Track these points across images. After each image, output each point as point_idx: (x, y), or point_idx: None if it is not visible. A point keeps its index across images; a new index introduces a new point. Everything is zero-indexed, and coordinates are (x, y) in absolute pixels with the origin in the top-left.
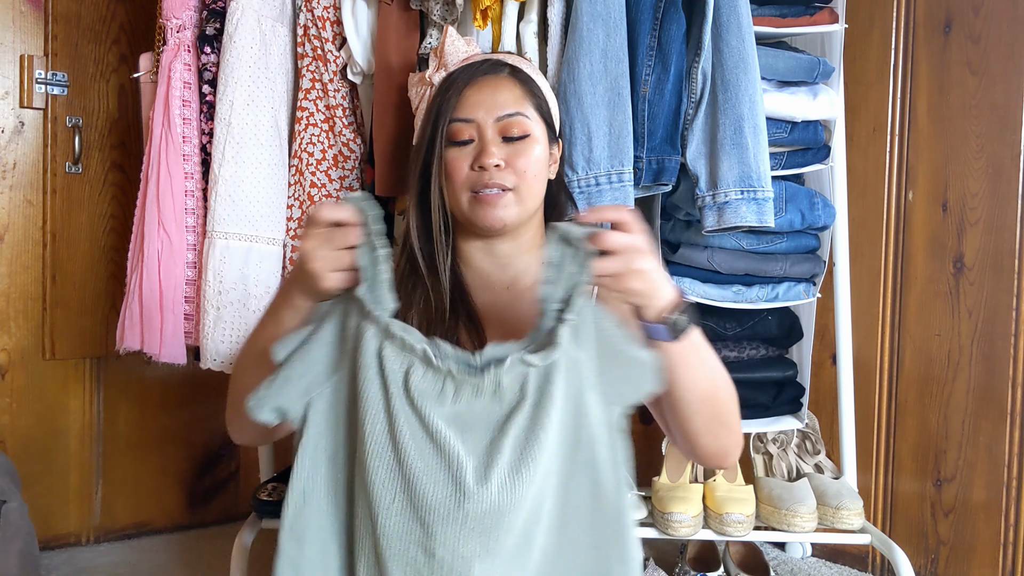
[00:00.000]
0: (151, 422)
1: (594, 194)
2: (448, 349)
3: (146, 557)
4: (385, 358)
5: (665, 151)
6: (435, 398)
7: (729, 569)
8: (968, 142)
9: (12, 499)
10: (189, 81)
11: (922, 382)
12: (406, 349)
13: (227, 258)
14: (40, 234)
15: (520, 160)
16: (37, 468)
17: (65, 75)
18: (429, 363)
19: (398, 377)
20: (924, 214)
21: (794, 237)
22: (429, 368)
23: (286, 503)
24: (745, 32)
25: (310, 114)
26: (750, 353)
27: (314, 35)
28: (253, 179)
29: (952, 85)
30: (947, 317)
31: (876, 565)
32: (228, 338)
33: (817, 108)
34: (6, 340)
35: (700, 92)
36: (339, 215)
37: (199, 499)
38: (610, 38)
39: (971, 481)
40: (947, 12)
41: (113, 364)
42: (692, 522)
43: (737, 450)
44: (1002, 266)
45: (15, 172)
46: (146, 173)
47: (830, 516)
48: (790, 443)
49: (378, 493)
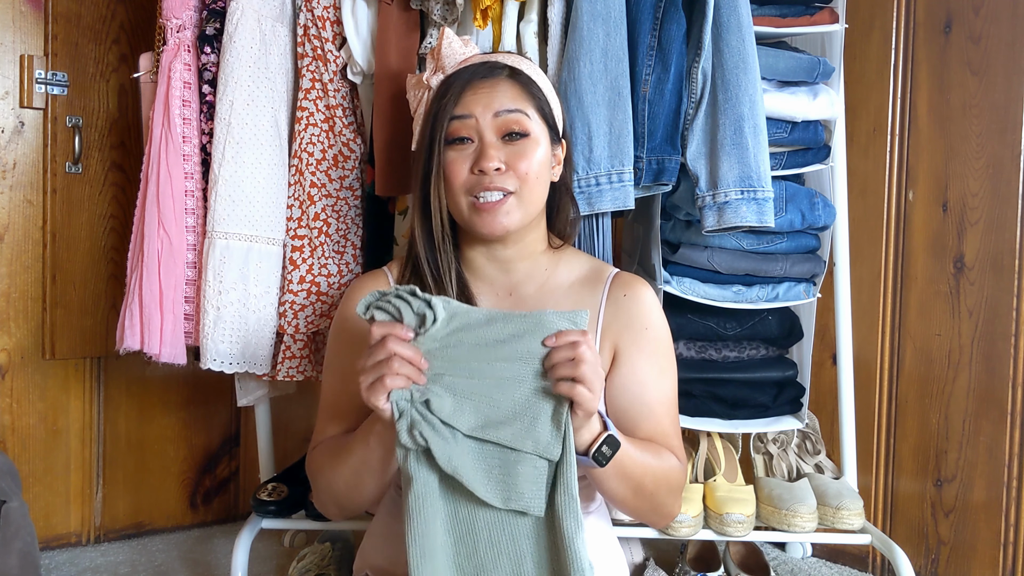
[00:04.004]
0: (151, 422)
1: (594, 194)
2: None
3: (146, 557)
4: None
5: (665, 151)
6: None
7: (729, 569)
8: (968, 142)
9: (12, 499)
10: (189, 81)
11: (922, 382)
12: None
13: (227, 258)
14: (40, 234)
15: (521, 163)
16: (37, 468)
17: (65, 75)
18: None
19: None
20: (924, 214)
21: (794, 237)
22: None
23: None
24: (745, 32)
25: (310, 114)
26: (750, 353)
27: (314, 35)
28: (253, 179)
29: (952, 85)
30: (947, 317)
31: (876, 565)
32: (228, 338)
33: (817, 108)
34: (6, 340)
35: (700, 92)
36: (382, 331)
37: (199, 499)
38: (610, 38)
39: (971, 481)
40: (947, 12)
41: (113, 364)
42: (692, 522)
43: (671, 519)
44: (1002, 266)
45: (15, 172)
46: (146, 173)
47: (830, 516)
48: (790, 443)
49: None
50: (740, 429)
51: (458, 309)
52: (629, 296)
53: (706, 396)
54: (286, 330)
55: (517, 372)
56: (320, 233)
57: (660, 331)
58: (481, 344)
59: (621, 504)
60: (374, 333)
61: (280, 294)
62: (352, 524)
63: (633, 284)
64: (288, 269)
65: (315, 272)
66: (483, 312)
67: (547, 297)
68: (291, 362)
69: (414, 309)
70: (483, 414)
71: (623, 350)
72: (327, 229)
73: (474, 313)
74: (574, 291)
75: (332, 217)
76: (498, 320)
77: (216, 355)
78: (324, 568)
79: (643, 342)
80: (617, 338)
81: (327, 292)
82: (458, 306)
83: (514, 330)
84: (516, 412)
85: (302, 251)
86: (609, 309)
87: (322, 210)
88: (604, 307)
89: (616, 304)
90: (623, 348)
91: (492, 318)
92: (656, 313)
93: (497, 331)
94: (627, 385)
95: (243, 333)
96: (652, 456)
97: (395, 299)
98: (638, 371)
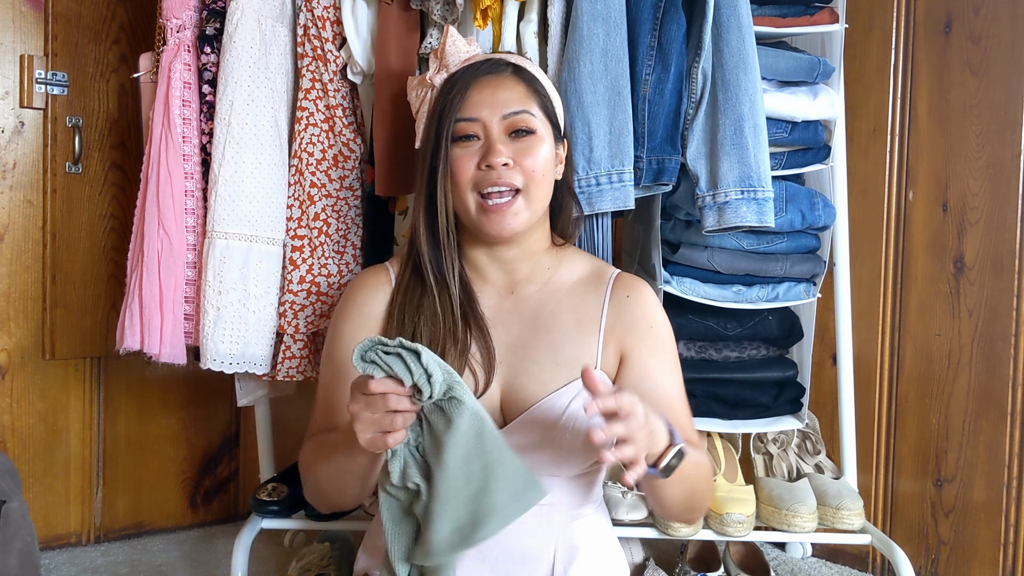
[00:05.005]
0: (151, 422)
1: (594, 194)
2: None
3: (146, 557)
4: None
5: (665, 151)
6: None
7: (729, 569)
8: (968, 142)
9: (13, 499)
10: (189, 81)
11: (922, 382)
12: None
13: (227, 258)
14: (40, 234)
15: (527, 159)
16: (37, 468)
17: (65, 75)
18: None
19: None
20: (924, 214)
21: (794, 237)
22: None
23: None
24: (745, 32)
25: (310, 114)
26: (750, 353)
27: (314, 35)
28: (253, 179)
29: (952, 85)
30: (947, 317)
31: (876, 565)
32: (228, 338)
33: (817, 108)
34: (6, 340)
35: (700, 92)
36: (380, 388)
37: (199, 499)
38: (610, 38)
39: (971, 481)
40: (947, 12)
41: (113, 364)
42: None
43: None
44: (1002, 266)
45: (15, 172)
46: (146, 173)
47: (830, 516)
48: (790, 443)
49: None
50: (740, 429)
51: (459, 391)
52: (632, 297)
53: (706, 396)
54: (286, 330)
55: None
56: (320, 233)
57: (665, 329)
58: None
59: (670, 506)
60: (373, 388)
61: (280, 294)
62: (352, 524)
63: (636, 285)
64: (288, 269)
65: (315, 272)
66: (469, 420)
67: (549, 297)
68: (291, 362)
69: (414, 378)
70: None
71: (631, 350)
72: (327, 229)
73: (465, 414)
74: (576, 291)
75: (332, 217)
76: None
77: (216, 355)
78: (324, 568)
79: (650, 340)
80: (623, 339)
81: (327, 292)
82: (458, 383)
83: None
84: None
85: (302, 251)
86: (612, 311)
87: (322, 210)
88: (607, 308)
89: (619, 306)
90: (630, 348)
91: (478, 433)
92: (659, 312)
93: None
94: (640, 383)
95: (243, 333)
96: (697, 453)
97: (394, 359)
98: (649, 369)
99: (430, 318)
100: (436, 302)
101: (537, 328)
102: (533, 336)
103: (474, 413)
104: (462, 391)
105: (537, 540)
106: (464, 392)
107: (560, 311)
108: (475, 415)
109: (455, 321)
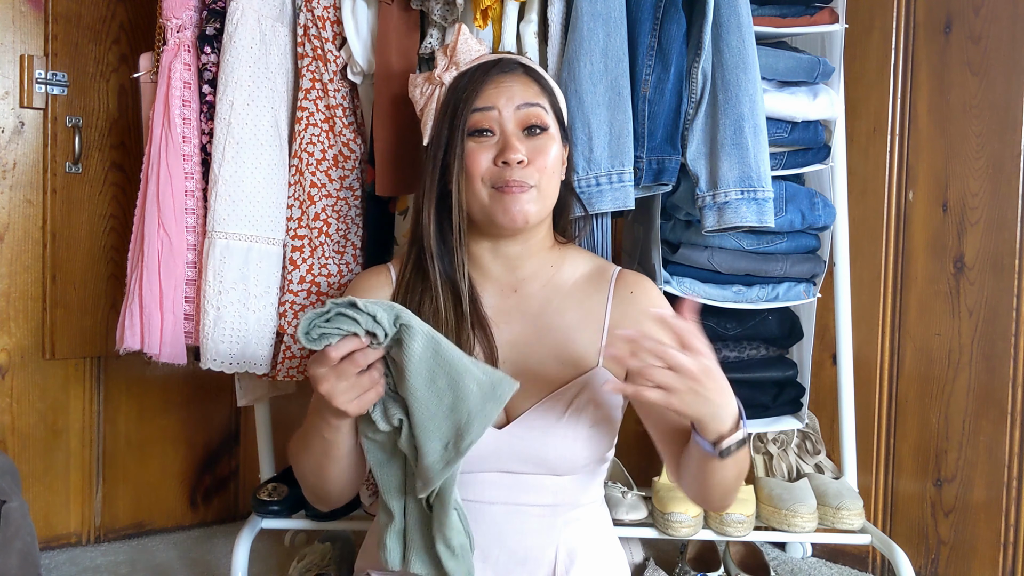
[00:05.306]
0: (151, 422)
1: (594, 194)
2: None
3: (146, 557)
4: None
5: (665, 151)
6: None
7: (729, 569)
8: (968, 142)
9: (13, 499)
10: (189, 81)
11: (922, 382)
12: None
13: (227, 258)
14: (40, 234)
15: (541, 157)
16: (37, 468)
17: (65, 75)
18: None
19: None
20: (924, 214)
21: (794, 237)
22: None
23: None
24: (745, 32)
25: (310, 114)
26: (750, 353)
27: (314, 35)
28: (253, 179)
29: (952, 85)
30: (947, 317)
31: (876, 565)
32: (228, 338)
33: (817, 108)
34: (6, 340)
35: (700, 92)
36: (342, 352)
37: (199, 499)
38: (610, 38)
39: (971, 481)
40: (947, 12)
41: (113, 364)
42: (692, 522)
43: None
44: (1002, 266)
45: (15, 172)
46: (146, 173)
47: (830, 516)
48: (790, 443)
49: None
50: None
51: (406, 317)
52: (637, 292)
53: None
54: (286, 330)
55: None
56: (320, 233)
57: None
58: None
59: (712, 489)
60: (340, 351)
61: (280, 294)
62: (352, 524)
63: (638, 281)
64: (288, 269)
65: (315, 272)
66: (422, 341)
67: (552, 295)
68: (291, 362)
69: (364, 326)
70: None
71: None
72: (327, 229)
73: (418, 336)
74: (578, 289)
75: (332, 217)
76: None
77: (216, 355)
78: (324, 568)
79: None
80: None
81: (327, 292)
82: (402, 311)
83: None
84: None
85: (302, 251)
86: (616, 308)
87: (322, 210)
88: (611, 305)
89: (624, 302)
90: None
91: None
92: (664, 304)
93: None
94: None
95: (243, 333)
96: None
97: (337, 319)
98: None
99: (431, 316)
100: (438, 300)
101: (540, 326)
102: (536, 334)
103: (425, 334)
104: (408, 317)
105: (538, 540)
106: (410, 317)
107: (563, 309)
108: (427, 336)
109: (457, 319)
